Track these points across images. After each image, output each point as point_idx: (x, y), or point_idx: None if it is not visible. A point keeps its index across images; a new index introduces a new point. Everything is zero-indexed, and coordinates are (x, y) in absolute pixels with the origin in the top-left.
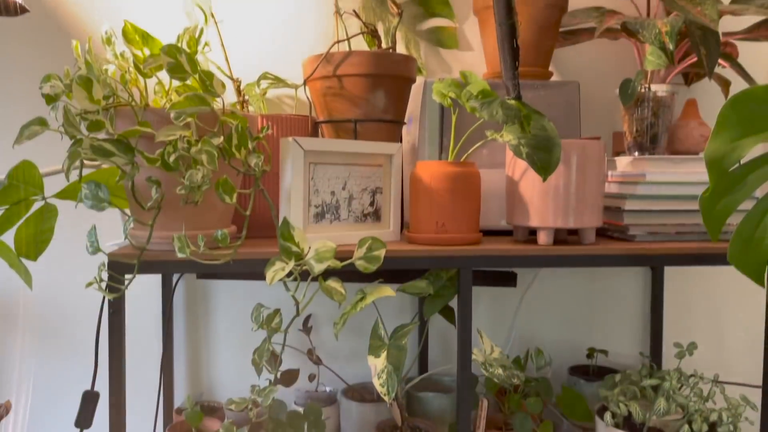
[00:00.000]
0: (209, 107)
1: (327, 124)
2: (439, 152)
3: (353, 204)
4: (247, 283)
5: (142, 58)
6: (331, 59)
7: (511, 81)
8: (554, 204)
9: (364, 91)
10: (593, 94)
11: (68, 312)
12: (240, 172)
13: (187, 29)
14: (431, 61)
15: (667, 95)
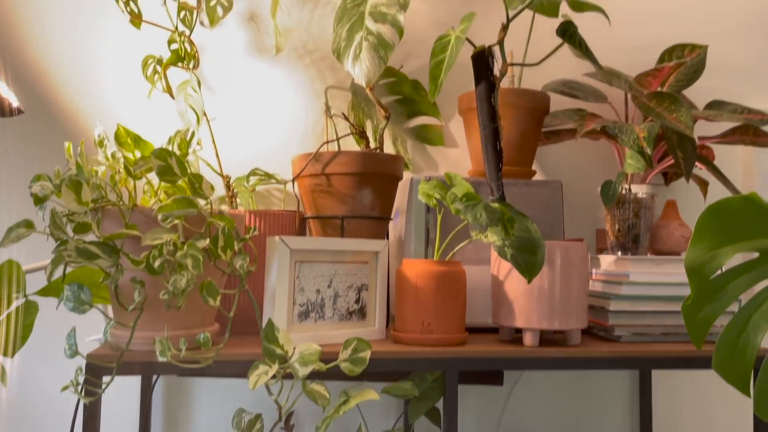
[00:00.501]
0: (197, 209)
1: (314, 219)
2: (425, 247)
3: (338, 302)
4: (228, 380)
5: (132, 160)
6: (320, 158)
7: (495, 182)
8: (539, 305)
9: (352, 189)
10: (576, 191)
11: (42, 412)
12: (225, 273)
13: (179, 132)
14: (418, 156)
15: (647, 197)
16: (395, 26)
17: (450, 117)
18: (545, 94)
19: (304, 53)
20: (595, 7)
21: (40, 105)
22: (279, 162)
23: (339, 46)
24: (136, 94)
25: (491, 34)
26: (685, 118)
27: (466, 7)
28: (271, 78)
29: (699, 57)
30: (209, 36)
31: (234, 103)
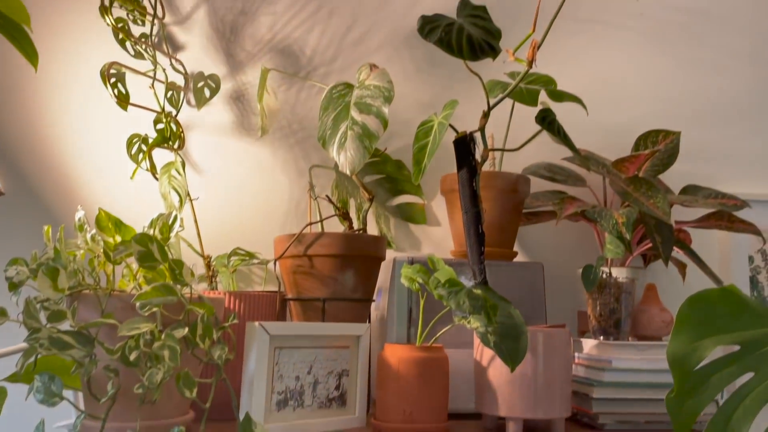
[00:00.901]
0: (176, 297)
1: (295, 301)
2: (408, 328)
3: (318, 389)
4: None
5: (112, 245)
6: (303, 239)
7: (478, 266)
8: (522, 394)
9: (334, 271)
10: (557, 272)
11: None
12: (203, 362)
13: (161, 215)
14: (401, 235)
15: (627, 282)
16: (380, 118)
17: (432, 196)
18: (526, 177)
19: (290, 132)
20: (572, 97)
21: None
22: (261, 240)
23: (324, 133)
24: (121, 173)
25: (473, 117)
26: (662, 204)
27: (448, 89)
28: (255, 156)
29: (673, 143)
30: (195, 114)
31: (218, 181)
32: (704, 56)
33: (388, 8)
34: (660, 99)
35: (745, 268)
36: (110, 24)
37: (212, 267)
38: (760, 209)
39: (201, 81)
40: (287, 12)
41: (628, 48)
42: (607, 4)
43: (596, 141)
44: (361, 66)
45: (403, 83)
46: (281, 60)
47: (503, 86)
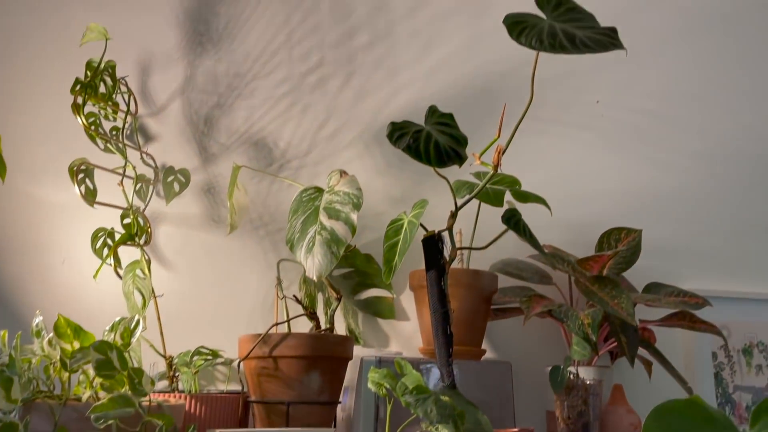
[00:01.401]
0: (133, 409)
1: (258, 404)
2: (374, 429)
3: None
4: None
5: (69, 351)
6: (269, 340)
7: (445, 368)
8: None
9: (300, 373)
10: (525, 369)
11: None
12: None
13: (123, 320)
14: (369, 330)
15: (595, 383)
16: (348, 224)
17: (401, 290)
18: (493, 274)
19: (260, 225)
20: (537, 198)
21: None
22: (226, 337)
23: (293, 237)
24: (84, 267)
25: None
26: (626, 305)
27: (418, 184)
28: (224, 249)
29: (635, 240)
30: (164, 207)
31: (185, 275)
32: (662, 156)
33: (360, 106)
34: (622, 196)
35: (709, 365)
36: (82, 123)
37: (174, 368)
38: (721, 305)
39: (171, 175)
40: (262, 106)
41: (590, 147)
42: (569, 105)
43: (562, 237)
44: (331, 171)
45: (374, 178)
46: (255, 152)
47: (470, 187)
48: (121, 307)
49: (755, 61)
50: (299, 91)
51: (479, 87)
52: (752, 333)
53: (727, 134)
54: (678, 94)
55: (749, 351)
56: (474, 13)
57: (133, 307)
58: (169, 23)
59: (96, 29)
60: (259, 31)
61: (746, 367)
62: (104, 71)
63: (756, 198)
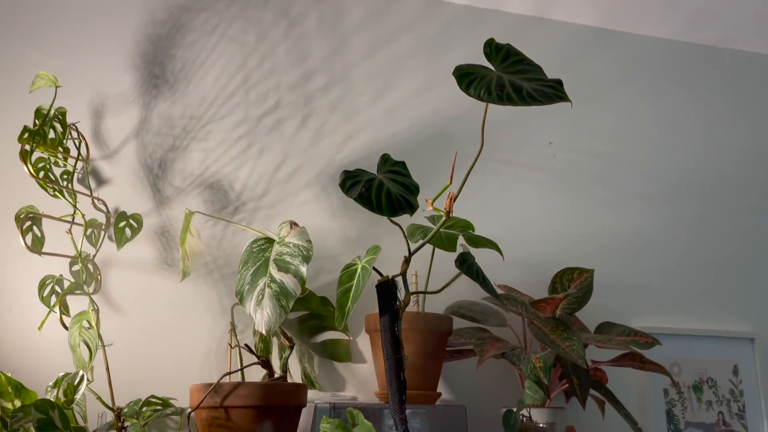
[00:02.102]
0: None
1: None
2: None
3: None
4: None
5: (10, 410)
6: (220, 390)
7: (398, 415)
8: None
9: (251, 423)
10: (481, 411)
11: None
12: None
13: (67, 375)
14: (324, 373)
15: (547, 426)
16: (297, 277)
17: (358, 332)
18: (448, 317)
19: (214, 268)
20: (489, 243)
21: None
22: (179, 385)
23: (242, 289)
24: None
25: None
26: (577, 347)
27: (374, 225)
28: (177, 294)
29: (587, 281)
30: (114, 250)
31: (136, 321)
32: (613, 196)
33: (317, 148)
34: (575, 236)
35: (661, 402)
36: (29, 172)
37: (122, 419)
38: (672, 342)
39: (123, 221)
40: (218, 148)
41: (543, 187)
42: (521, 147)
43: (516, 276)
44: (282, 222)
45: (330, 219)
46: (210, 195)
47: (424, 231)
48: (69, 358)
49: (701, 102)
50: (255, 133)
51: (435, 130)
52: (702, 369)
53: (675, 174)
54: (627, 136)
55: (699, 387)
56: (429, 58)
57: (79, 360)
58: (124, 66)
59: (46, 77)
60: (215, 73)
61: (697, 403)
62: (54, 118)
63: (705, 236)
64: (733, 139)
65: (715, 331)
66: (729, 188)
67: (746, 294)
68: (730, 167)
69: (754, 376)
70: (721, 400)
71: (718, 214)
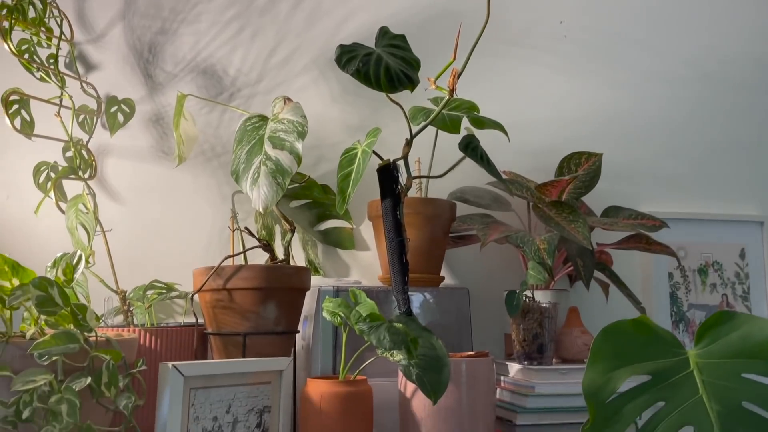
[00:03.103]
0: (78, 345)
1: (215, 336)
2: (334, 357)
3: (237, 428)
4: None
5: (8, 289)
6: (222, 272)
7: (401, 296)
8: (446, 426)
9: (255, 305)
10: (484, 295)
11: None
12: (109, 410)
13: (65, 255)
14: (329, 261)
15: (550, 307)
16: (293, 154)
17: (360, 220)
18: (452, 202)
19: (212, 156)
20: (494, 124)
21: None
22: (183, 270)
23: (238, 168)
24: (27, 203)
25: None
26: (582, 229)
27: (375, 112)
28: (176, 182)
29: (595, 164)
30: (110, 139)
31: (136, 209)
32: (624, 78)
33: (312, 30)
34: (584, 120)
35: (665, 286)
36: (10, 49)
37: (127, 302)
38: (679, 226)
39: (114, 105)
40: (209, 31)
41: (552, 70)
42: (531, 27)
43: (522, 163)
44: (275, 98)
45: (330, 106)
46: (203, 81)
47: (426, 113)
48: (68, 244)
49: None
50: (248, 14)
51: (439, 7)
52: (708, 253)
53: (690, 55)
54: (641, 15)
55: (704, 270)
56: None
57: (77, 242)
58: None
59: None
60: None
61: (701, 286)
62: None
63: (715, 118)
64: (747, 17)
65: (724, 215)
66: (740, 68)
67: (756, 177)
68: (742, 47)
69: (761, 259)
70: (725, 282)
71: (728, 96)
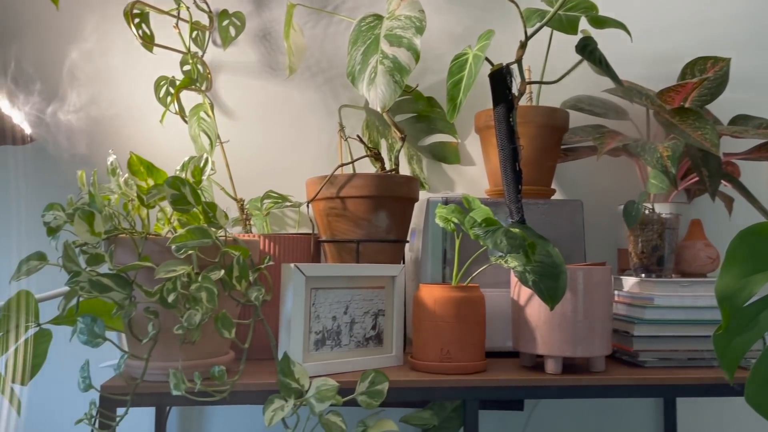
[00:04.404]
0: (211, 240)
1: (329, 243)
2: (443, 268)
3: (355, 328)
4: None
5: (145, 188)
6: (335, 181)
7: (515, 204)
8: (561, 332)
9: (367, 213)
10: (596, 209)
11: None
12: (240, 303)
13: (192, 158)
14: (433, 175)
15: (671, 217)
16: (411, 50)
17: (466, 134)
18: (564, 111)
19: (318, 71)
20: (616, 23)
21: (52, 132)
22: (292, 183)
23: (353, 69)
24: (149, 117)
25: (507, 50)
26: (710, 135)
27: (481, 22)
28: (283, 97)
29: (722, 70)
30: (221, 55)
31: (246, 123)
32: None
33: None
34: (709, 24)
35: None
36: None
37: (245, 210)
38: None
39: (226, 19)
40: None
41: None
42: None
43: (639, 71)
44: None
45: (433, 16)
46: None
47: (541, 14)
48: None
49: None
50: None
51: None
52: None
53: None
54: None
55: None
56: None
57: (200, 148)
58: None
59: None
60: None
61: None
62: None
63: None
64: None
65: None
66: None
67: None
68: None
69: None
70: None
71: None
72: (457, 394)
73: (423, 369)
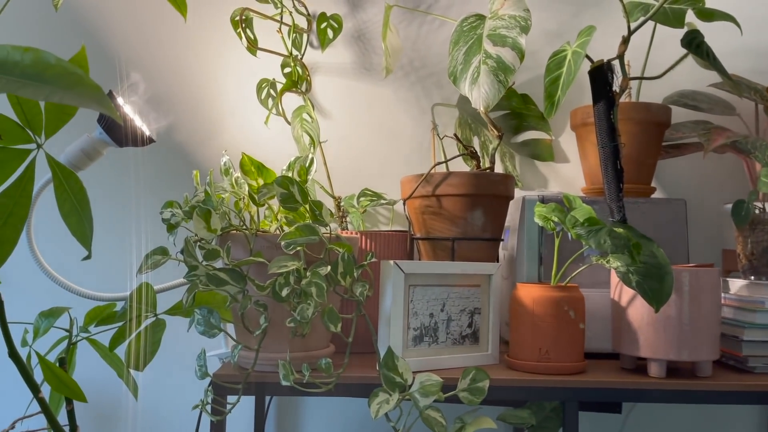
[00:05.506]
0: (318, 237)
1: (424, 241)
2: (539, 267)
3: (451, 326)
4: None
5: (255, 187)
6: (431, 179)
7: (616, 203)
8: (666, 335)
9: (463, 211)
10: (698, 208)
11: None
12: (344, 298)
13: (298, 158)
14: (527, 173)
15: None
16: (516, 49)
17: (560, 131)
18: (666, 107)
19: (411, 70)
20: (725, 15)
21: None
22: (386, 181)
23: (455, 69)
24: (251, 118)
25: (604, 46)
26: None
27: (577, 18)
28: (377, 96)
29: None
30: (317, 56)
31: (341, 123)
32: None
33: None
34: None
35: None
36: None
37: (342, 208)
38: None
39: (324, 22)
40: None
41: None
42: None
43: (747, 65)
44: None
45: None
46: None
47: (644, 8)
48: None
49: None
50: None
51: None
52: None
53: None
54: None
55: None
56: None
57: (303, 149)
58: None
59: None
60: None
61: None
62: None
63: None
64: None
65: None
66: None
67: None
68: None
69: None
70: None
71: None
72: (557, 395)
73: (521, 368)
